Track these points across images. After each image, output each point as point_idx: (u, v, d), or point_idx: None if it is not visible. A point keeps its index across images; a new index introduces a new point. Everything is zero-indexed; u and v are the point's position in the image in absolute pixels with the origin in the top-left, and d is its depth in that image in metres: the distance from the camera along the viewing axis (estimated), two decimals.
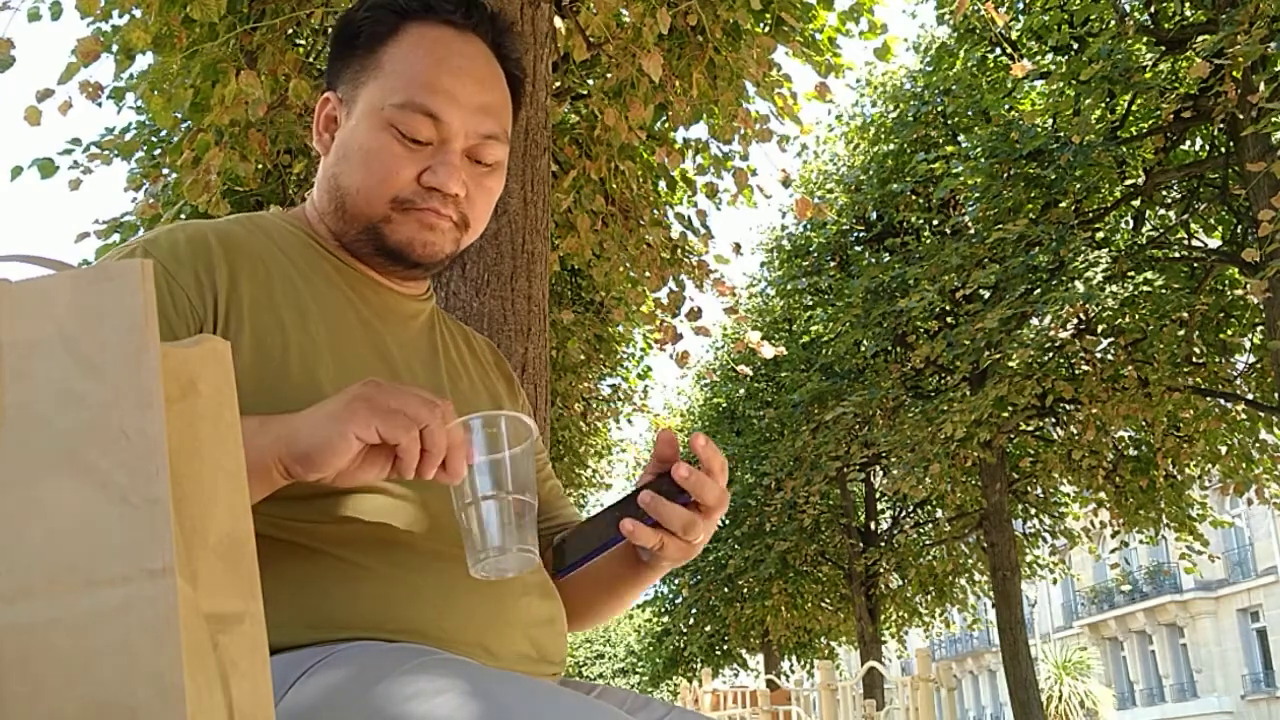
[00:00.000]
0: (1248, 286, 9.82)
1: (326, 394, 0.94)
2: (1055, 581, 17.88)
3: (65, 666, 0.40)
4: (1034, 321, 11.25)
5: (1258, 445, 11.68)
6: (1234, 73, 8.91)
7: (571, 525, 1.16)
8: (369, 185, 1.03)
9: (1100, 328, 11.37)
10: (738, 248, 5.84)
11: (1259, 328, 11.03)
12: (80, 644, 0.40)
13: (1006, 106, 11.91)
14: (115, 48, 3.97)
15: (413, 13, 1.05)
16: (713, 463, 0.95)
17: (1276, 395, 10.67)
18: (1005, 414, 11.66)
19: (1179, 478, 12.62)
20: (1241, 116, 9.32)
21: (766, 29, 4.57)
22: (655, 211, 5.18)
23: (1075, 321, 11.25)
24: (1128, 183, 11.48)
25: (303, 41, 4.71)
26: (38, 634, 0.40)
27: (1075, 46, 10.97)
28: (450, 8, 1.06)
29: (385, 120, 1.02)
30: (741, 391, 17.61)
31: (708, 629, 19.90)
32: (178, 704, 0.39)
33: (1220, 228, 11.47)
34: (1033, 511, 15.45)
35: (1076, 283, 10.17)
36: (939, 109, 12.68)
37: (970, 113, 12.27)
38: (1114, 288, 10.30)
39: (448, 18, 1.06)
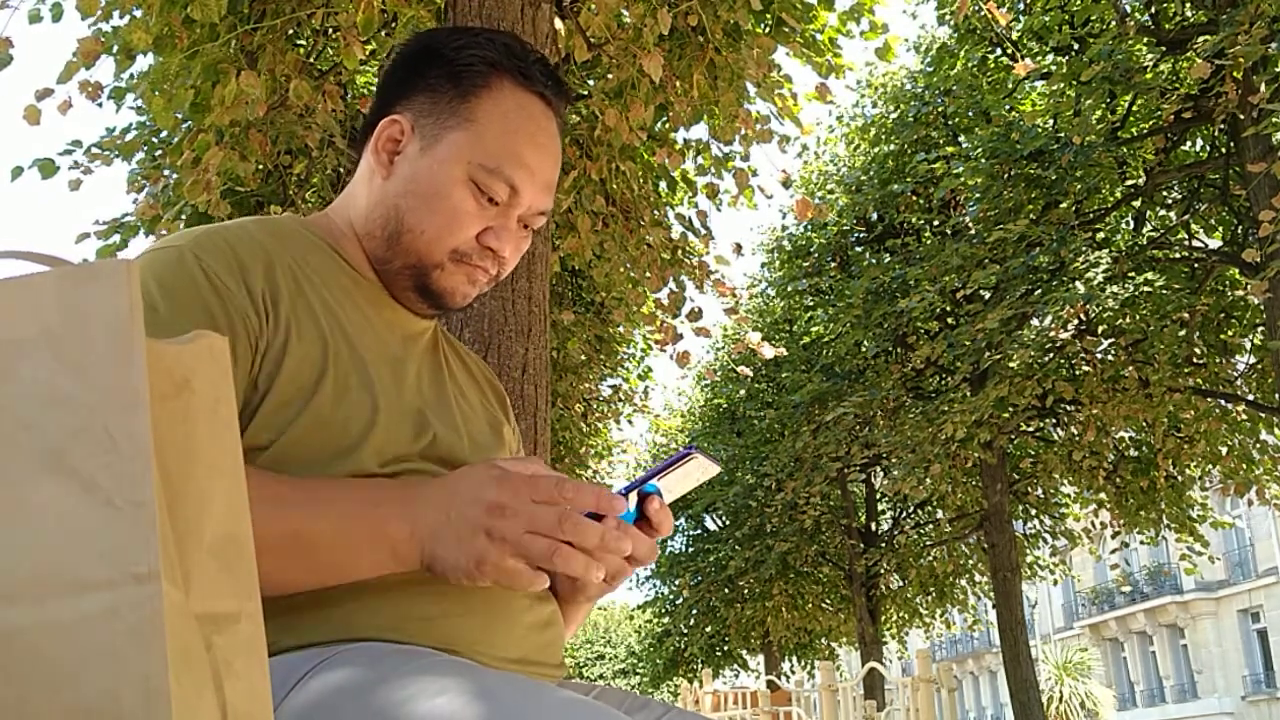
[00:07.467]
0: (1248, 287, 9.82)
1: (352, 414, 0.97)
2: (1056, 582, 17.86)
3: (51, 671, 0.40)
4: (1034, 322, 11.25)
5: (1258, 446, 11.67)
6: (1234, 73, 8.91)
7: None
8: (436, 231, 1.05)
9: (1101, 328, 11.36)
10: (738, 248, 5.83)
11: (1259, 328, 11.02)
12: (66, 649, 0.40)
13: (1007, 107, 11.91)
14: (115, 48, 3.97)
15: (506, 69, 1.07)
16: (662, 526, 0.99)
17: (1277, 396, 10.66)
18: (1006, 415, 11.66)
19: (1179, 478, 12.61)
20: (1242, 117, 9.32)
21: (767, 29, 4.56)
22: (656, 212, 5.17)
23: (1076, 322, 11.24)
24: (1128, 183, 11.48)
25: (303, 42, 4.70)
26: (23, 638, 0.40)
27: (1076, 47, 10.97)
28: (544, 81, 1.09)
29: (468, 175, 1.04)
30: (742, 392, 17.62)
31: (708, 630, 19.90)
32: (163, 708, 0.39)
33: (1221, 228, 11.46)
34: (1033, 512, 15.44)
35: (1077, 283, 10.17)
36: (939, 109, 12.68)
37: (971, 113, 12.27)
38: (1114, 288, 10.28)
39: (541, 90, 1.09)
